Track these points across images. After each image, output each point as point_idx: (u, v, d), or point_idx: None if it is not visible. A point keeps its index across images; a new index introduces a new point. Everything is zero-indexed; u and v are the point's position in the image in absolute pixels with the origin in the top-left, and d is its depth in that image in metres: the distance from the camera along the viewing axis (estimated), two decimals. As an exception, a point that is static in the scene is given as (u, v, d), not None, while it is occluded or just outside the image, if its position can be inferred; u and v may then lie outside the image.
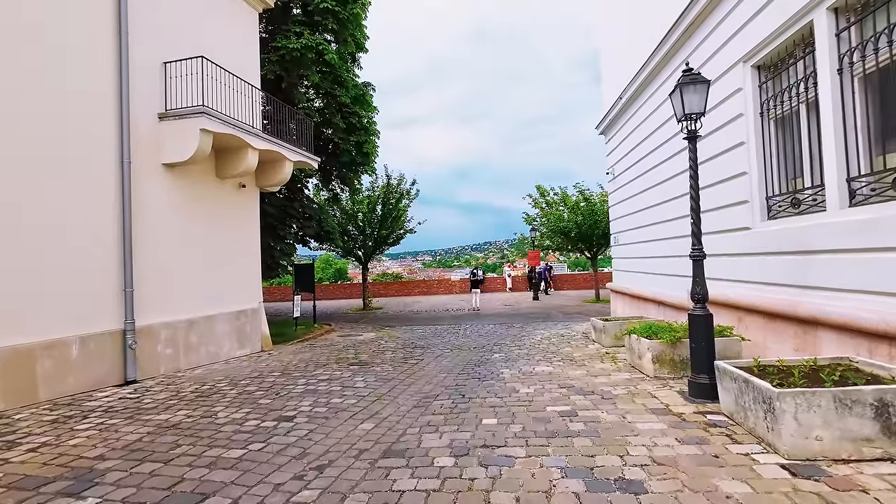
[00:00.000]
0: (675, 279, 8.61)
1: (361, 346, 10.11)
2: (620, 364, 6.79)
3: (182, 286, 7.89)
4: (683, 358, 5.69)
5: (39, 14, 6.01)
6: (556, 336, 10.29)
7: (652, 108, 9.47)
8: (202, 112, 7.37)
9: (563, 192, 20.88)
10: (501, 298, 24.20)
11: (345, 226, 19.86)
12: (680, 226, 8.29)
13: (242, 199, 9.59)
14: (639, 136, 10.49)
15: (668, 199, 8.83)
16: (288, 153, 9.66)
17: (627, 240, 11.98)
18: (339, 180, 17.05)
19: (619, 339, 8.39)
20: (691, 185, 4.89)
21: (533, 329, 11.89)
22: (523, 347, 8.96)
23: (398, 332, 12.67)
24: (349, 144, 14.58)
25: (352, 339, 11.21)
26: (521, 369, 6.87)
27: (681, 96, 4.78)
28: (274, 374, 7.27)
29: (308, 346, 10.41)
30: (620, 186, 12.31)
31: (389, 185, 19.88)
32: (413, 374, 6.99)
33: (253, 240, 9.94)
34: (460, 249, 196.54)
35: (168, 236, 7.68)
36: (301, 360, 8.41)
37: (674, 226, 8.58)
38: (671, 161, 8.58)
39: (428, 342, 10.48)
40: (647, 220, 10.19)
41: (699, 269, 4.88)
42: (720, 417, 4.11)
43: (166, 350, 7.46)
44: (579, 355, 7.77)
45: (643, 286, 10.56)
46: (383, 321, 16.04)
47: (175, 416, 5.03)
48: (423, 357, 8.45)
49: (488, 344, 9.71)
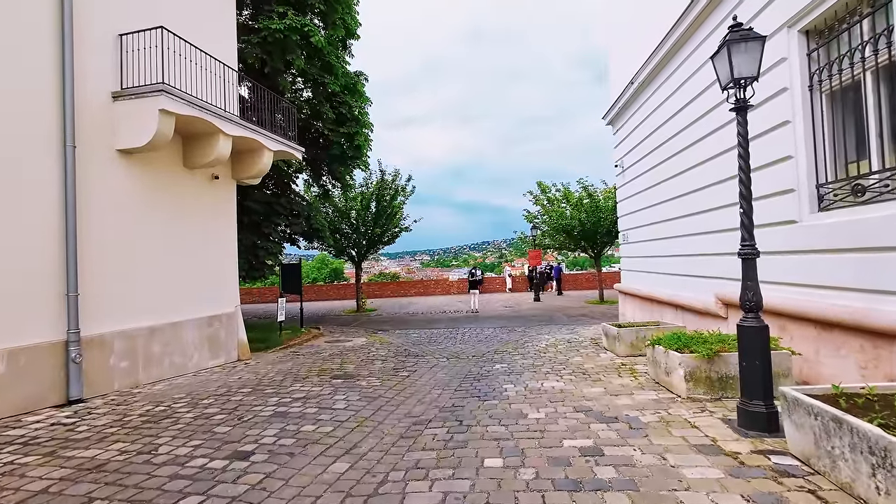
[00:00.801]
0: (696, 280, 7.72)
1: (349, 354, 9.19)
2: (642, 379, 5.88)
3: (143, 289, 6.95)
4: (722, 375, 4.79)
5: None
6: (563, 342, 9.39)
7: (670, 90, 8.57)
8: (161, 90, 6.44)
9: (566, 189, 19.98)
10: (501, 299, 23.30)
11: (337, 224, 18.92)
12: (704, 221, 7.39)
13: (216, 192, 8.64)
14: (653, 124, 9.59)
15: (689, 192, 7.93)
16: (267, 141, 8.73)
17: (638, 237, 11.08)
18: (329, 175, 16.11)
19: (635, 348, 7.50)
20: (741, 166, 3.98)
21: (536, 334, 10.98)
22: (528, 356, 8.06)
23: (391, 336, 11.75)
24: (339, 136, 13.65)
25: (340, 346, 10.28)
26: (527, 385, 5.96)
27: (728, 58, 3.88)
28: (244, 390, 6.34)
29: (291, 353, 9.48)
30: (630, 180, 11.41)
31: (383, 181, 18.93)
32: (403, 390, 6.08)
33: (229, 237, 9.00)
34: (458, 249, 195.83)
35: (125, 232, 6.75)
36: (279, 372, 7.49)
37: (696, 221, 7.68)
38: (694, 149, 7.68)
39: (422, 349, 9.57)
40: (661, 215, 9.30)
41: (751, 270, 3.98)
42: (790, 461, 3.20)
43: (121, 363, 6.53)
44: (592, 367, 6.87)
45: (657, 287, 9.66)
46: (376, 324, 15.12)
47: (106, 451, 4.10)
48: (417, 368, 7.54)
49: (488, 351, 8.81)
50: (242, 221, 13.14)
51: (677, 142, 8.36)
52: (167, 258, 7.42)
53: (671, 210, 8.77)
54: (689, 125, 7.83)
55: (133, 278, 6.80)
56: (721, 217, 6.81)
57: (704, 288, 7.40)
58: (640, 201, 10.72)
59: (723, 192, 6.70)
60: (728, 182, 6.53)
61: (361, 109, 14.29)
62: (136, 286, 6.84)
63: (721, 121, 6.64)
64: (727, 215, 6.63)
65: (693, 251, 7.81)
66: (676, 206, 8.50)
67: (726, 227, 6.69)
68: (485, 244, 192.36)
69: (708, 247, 7.30)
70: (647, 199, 10.15)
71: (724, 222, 6.72)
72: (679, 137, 8.27)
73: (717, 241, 6.95)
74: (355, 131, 13.80)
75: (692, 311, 7.90)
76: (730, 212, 6.57)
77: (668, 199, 8.94)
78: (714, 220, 7.04)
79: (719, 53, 4.03)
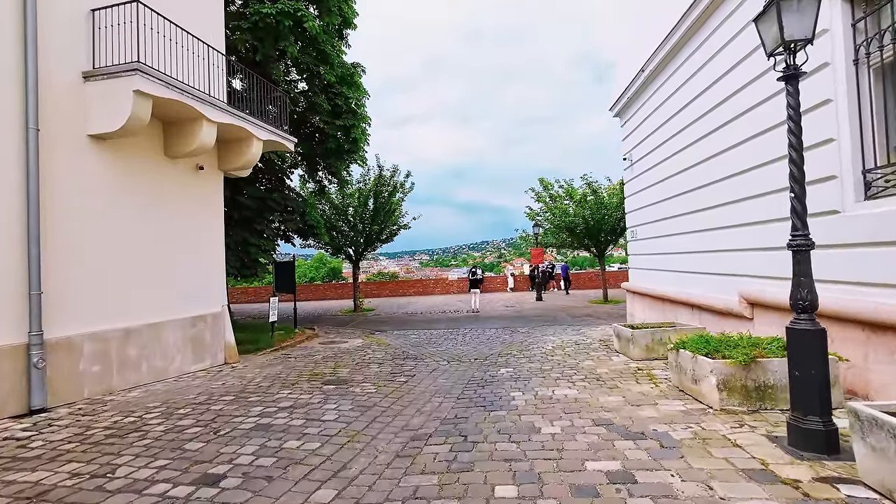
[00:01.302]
0: (716, 278, 7.18)
1: (344, 356, 8.64)
2: (663, 387, 5.34)
3: (117, 287, 6.39)
4: (760, 384, 4.25)
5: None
6: (571, 344, 8.85)
7: (685, 76, 8.03)
8: (136, 69, 5.88)
9: (569, 186, 19.43)
10: (503, 299, 22.75)
11: (334, 221, 18.36)
12: (726, 214, 6.85)
13: (201, 184, 8.08)
14: (665, 113, 9.05)
15: (708, 184, 7.40)
16: (256, 130, 8.17)
17: (648, 234, 10.55)
18: (325, 171, 15.57)
19: (651, 351, 6.97)
20: (792, 143, 3.44)
21: (541, 335, 10.44)
22: (534, 359, 7.52)
23: (389, 337, 11.21)
24: (335, 129, 13.09)
25: (334, 348, 9.73)
26: (537, 392, 5.42)
27: (777, 18, 3.33)
28: (226, 397, 5.79)
29: (282, 356, 8.92)
30: (639, 174, 10.88)
31: (381, 177, 18.36)
32: (401, 398, 5.54)
33: (215, 232, 8.44)
34: (458, 249, 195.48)
35: (98, 225, 6.19)
36: (267, 377, 6.94)
37: (716, 215, 7.14)
38: (714, 137, 7.14)
39: (422, 351, 9.03)
40: (675, 209, 8.76)
41: (804, 264, 3.44)
42: (866, 494, 2.66)
43: (92, 368, 5.97)
44: (606, 372, 6.33)
45: (670, 286, 9.13)
46: (374, 325, 14.57)
47: (56, 473, 3.54)
48: (415, 372, 7.00)
49: (492, 354, 8.26)
50: (233, 217, 12.60)
51: (694, 130, 7.83)
52: (146, 254, 6.87)
53: (687, 203, 8.24)
54: (708, 112, 7.30)
55: (106, 275, 6.24)
56: (747, 209, 6.28)
57: (726, 286, 6.86)
58: (650, 196, 10.18)
59: (750, 182, 6.17)
60: (757, 171, 6.00)
61: (358, 102, 13.74)
62: (110, 284, 6.28)
63: (749, 103, 6.10)
64: (754, 207, 6.10)
65: (713, 247, 7.27)
66: (693, 200, 7.96)
67: (753, 221, 6.15)
68: (484, 244, 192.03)
69: (731, 242, 6.76)
70: (659, 192, 9.62)
71: (751, 215, 6.18)
72: (696, 125, 7.74)
73: (742, 235, 6.42)
74: (352, 124, 13.25)
75: (711, 312, 7.37)
76: (757, 203, 6.04)
77: (683, 193, 8.41)
78: (739, 212, 6.51)
79: (766, 14, 3.49)
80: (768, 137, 5.72)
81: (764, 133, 5.83)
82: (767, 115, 5.67)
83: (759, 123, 5.90)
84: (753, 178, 6.10)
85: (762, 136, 5.85)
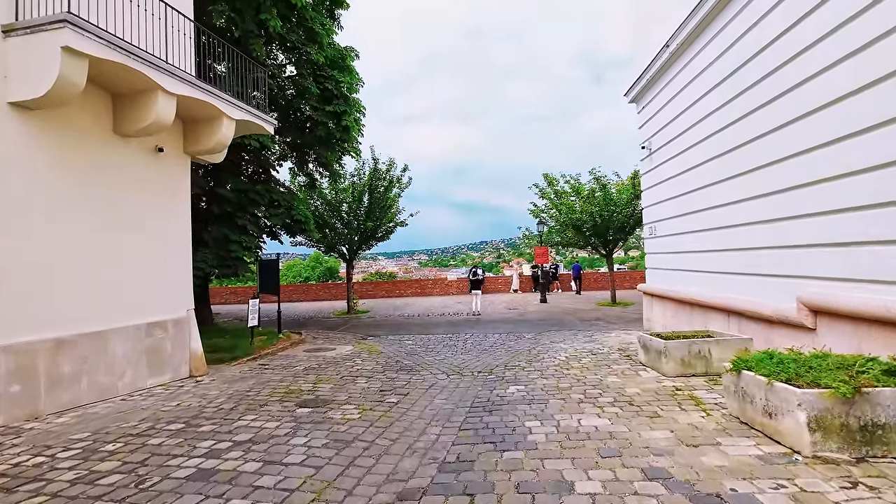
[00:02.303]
0: (763, 280, 6.12)
1: (328, 368, 7.55)
2: (718, 416, 4.26)
3: (45, 290, 5.28)
4: (867, 423, 3.17)
5: None
6: (586, 354, 7.77)
7: (725, 44, 6.94)
8: (65, 21, 4.77)
9: (575, 181, 18.32)
10: (505, 300, 21.65)
11: (328, 218, 17.24)
12: (777, 205, 5.79)
13: (162, 169, 6.98)
14: (694, 93, 7.98)
15: (751, 170, 6.34)
16: (226, 107, 7.07)
17: (670, 230, 9.48)
18: (315, 162, 14.46)
19: (687, 366, 5.90)
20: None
21: (549, 342, 9.36)
22: (548, 373, 6.44)
23: (382, 343, 10.12)
24: (324, 116, 11.97)
25: (319, 357, 8.64)
26: (558, 422, 4.34)
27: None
28: (173, 426, 4.69)
29: (258, 367, 7.83)
30: (659, 164, 9.82)
31: (377, 171, 17.22)
32: (389, 426, 4.46)
33: (179, 225, 7.34)
34: (456, 249, 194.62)
35: (19, 213, 5.08)
36: (233, 396, 5.85)
37: (763, 206, 6.08)
38: (760, 114, 6.08)
39: (418, 361, 7.95)
40: (706, 201, 7.70)
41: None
42: None
43: (10, 388, 4.86)
44: (637, 392, 5.25)
45: (699, 288, 8.06)
46: (367, 329, 13.48)
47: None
48: (409, 389, 5.92)
49: (497, 365, 7.19)
50: (212, 211, 11.50)
51: (732, 109, 6.76)
52: (87, 249, 5.76)
53: (722, 194, 7.17)
54: (752, 86, 6.24)
55: (30, 275, 5.13)
56: (808, 198, 5.21)
57: (777, 289, 5.80)
58: (673, 187, 9.12)
59: (813, 165, 5.10)
60: (826, 150, 4.92)
61: (351, 87, 12.63)
62: (36, 285, 5.17)
63: (810, 71, 5.03)
64: (820, 195, 5.02)
65: (760, 243, 6.20)
66: (731, 189, 6.90)
67: (818, 211, 5.08)
68: (483, 244, 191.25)
69: (784, 237, 5.69)
70: (685, 183, 8.55)
71: (815, 204, 5.11)
72: (735, 104, 6.67)
73: (801, 229, 5.35)
74: (343, 110, 12.14)
75: (756, 319, 6.30)
76: (824, 191, 4.96)
77: (716, 182, 7.35)
78: (796, 202, 5.43)
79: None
80: (830, 113, 4.67)
81: (826, 106, 4.76)
82: (825, 84, 4.62)
83: (827, 91, 4.83)
84: (818, 160, 5.03)
85: (834, 108, 4.77)
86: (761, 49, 6.01)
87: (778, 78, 5.71)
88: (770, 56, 5.84)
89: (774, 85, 5.78)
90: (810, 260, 5.23)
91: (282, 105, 13.16)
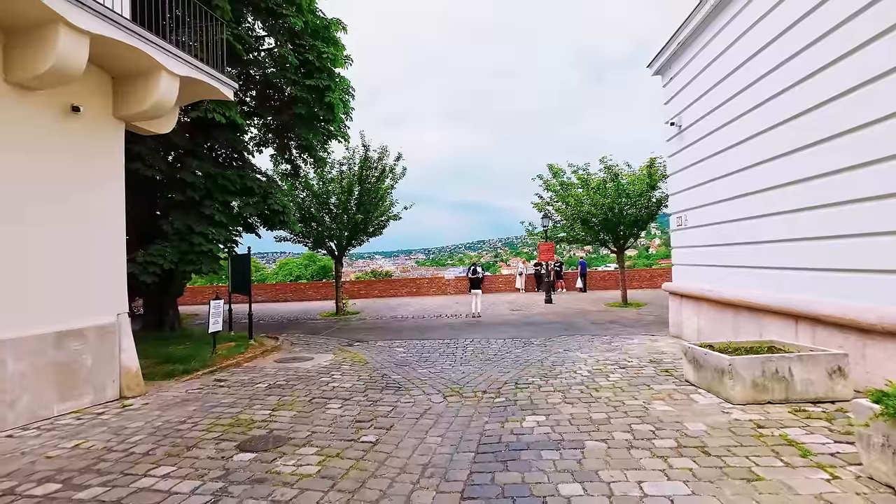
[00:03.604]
0: (861, 279, 4.70)
1: (297, 386, 6.10)
2: (848, 478, 2.83)
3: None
4: None
5: None
6: (613, 367, 6.34)
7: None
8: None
9: (585, 172, 16.83)
10: (507, 300, 20.16)
11: (313, 210, 15.74)
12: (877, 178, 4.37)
13: (84, 134, 5.49)
14: (747, 49, 6.55)
15: (829, 137, 4.92)
16: (164, 58, 5.58)
17: (705, 219, 8.07)
18: (299, 148, 12.98)
19: (762, 391, 4.46)
20: None
21: (563, 350, 7.92)
22: (571, 395, 5.02)
23: (369, 351, 8.67)
24: (304, 91, 10.49)
25: (291, 370, 7.18)
26: (609, 487, 2.91)
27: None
28: (44, 487, 3.23)
29: (211, 385, 6.36)
30: (694, 142, 8.40)
31: (367, 159, 15.71)
32: (359, 488, 3.01)
33: (108, 207, 5.85)
34: (454, 248, 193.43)
35: None
36: (157, 431, 4.39)
37: (851, 180, 4.66)
38: (853, 60, 4.65)
39: (409, 374, 6.52)
40: (766, 180, 6.28)
41: None
42: None
43: None
44: (703, 430, 3.82)
45: (753, 289, 6.65)
46: (354, 332, 12.02)
47: None
48: (394, 420, 4.48)
49: (506, 382, 5.76)
50: (172, 199, 10.00)
51: (811, 59, 5.33)
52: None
53: (785, 171, 5.75)
54: (837, 28, 4.81)
55: None
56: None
57: (880, 290, 4.38)
58: (713, 168, 7.70)
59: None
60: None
61: (336, 61, 11.14)
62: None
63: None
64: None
65: (862, 228, 4.77)
66: (798, 165, 5.47)
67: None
68: (480, 243, 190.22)
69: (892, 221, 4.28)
70: (731, 162, 7.13)
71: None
72: (812, 54, 5.24)
73: None
74: (326, 85, 10.66)
75: (845, 327, 4.87)
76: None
77: (775, 157, 5.93)
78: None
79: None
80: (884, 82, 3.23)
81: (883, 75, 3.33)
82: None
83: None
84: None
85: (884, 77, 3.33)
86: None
87: (873, 16, 4.28)
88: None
89: (867, 27, 4.35)
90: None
91: (259, 81, 11.69)
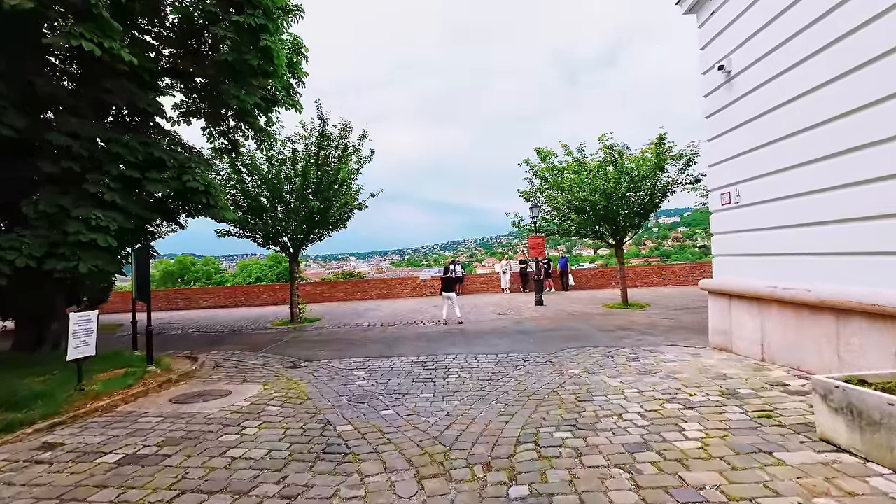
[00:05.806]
0: None
1: (169, 457, 3.56)
2: None
3: None
4: None
5: None
6: (678, 409, 4.08)
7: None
8: None
9: (580, 154, 14.67)
10: (491, 302, 17.78)
11: (262, 198, 13.04)
12: None
13: None
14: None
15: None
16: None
17: (773, 192, 5.95)
18: (237, 116, 10.30)
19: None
20: None
21: (581, 372, 5.63)
22: (644, 477, 2.68)
23: (317, 376, 6.20)
24: (229, 30, 7.86)
25: (181, 419, 4.62)
26: None
27: None
28: None
29: (32, 453, 3.76)
30: (754, 88, 6.28)
31: (325, 135, 13.04)
32: None
33: None
34: (429, 249, 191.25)
35: None
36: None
37: None
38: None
39: (364, 423, 4.09)
40: (877, 132, 4.14)
41: None
42: None
43: None
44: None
45: (881, 287, 4.51)
46: (305, 346, 9.47)
47: None
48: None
49: (518, 437, 3.37)
50: (37, 167, 7.25)
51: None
52: None
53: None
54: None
55: None
56: None
57: None
58: (786, 120, 5.56)
59: None
60: None
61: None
62: None
63: None
64: None
65: None
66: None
67: None
68: (455, 244, 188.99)
69: None
70: (818, 107, 4.99)
71: None
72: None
73: None
74: (261, 24, 8.07)
75: None
76: None
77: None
78: None
79: None
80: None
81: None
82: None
83: None
84: None
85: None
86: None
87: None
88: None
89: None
90: None
91: (174, 28, 8.96)
